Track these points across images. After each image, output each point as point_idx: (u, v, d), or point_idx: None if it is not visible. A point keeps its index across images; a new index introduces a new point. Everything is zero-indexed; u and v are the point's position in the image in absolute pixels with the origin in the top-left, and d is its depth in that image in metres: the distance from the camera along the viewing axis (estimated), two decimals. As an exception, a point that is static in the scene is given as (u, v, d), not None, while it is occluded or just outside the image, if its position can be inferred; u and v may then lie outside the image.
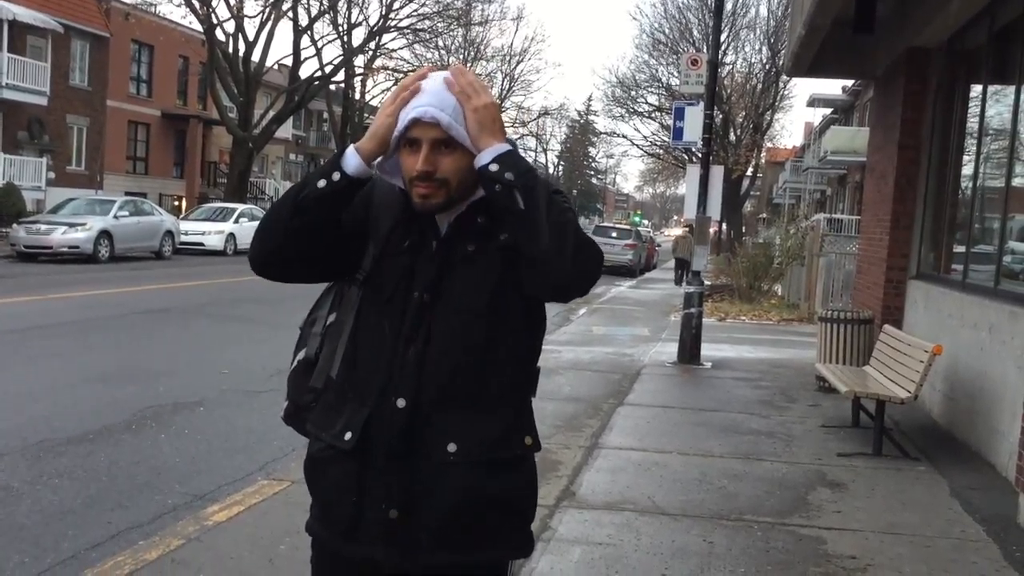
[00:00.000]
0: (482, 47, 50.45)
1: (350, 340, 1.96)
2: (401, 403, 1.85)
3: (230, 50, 33.51)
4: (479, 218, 1.88)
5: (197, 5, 31.19)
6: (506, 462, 1.90)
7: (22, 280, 15.99)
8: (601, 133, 64.59)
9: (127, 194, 29.09)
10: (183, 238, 24.78)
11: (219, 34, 32.84)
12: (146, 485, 5.24)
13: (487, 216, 1.87)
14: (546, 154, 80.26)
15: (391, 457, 1.85)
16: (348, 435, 1.88)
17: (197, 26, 32.63)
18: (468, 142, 1.82)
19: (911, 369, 6.53)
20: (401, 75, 36.32)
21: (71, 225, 20.51)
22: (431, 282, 1.88)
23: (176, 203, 37.36)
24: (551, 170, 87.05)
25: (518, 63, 55.66)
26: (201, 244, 25.26)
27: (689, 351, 10.56)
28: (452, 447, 1.85)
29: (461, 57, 49.43)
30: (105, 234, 21.06)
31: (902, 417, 7.60)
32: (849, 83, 34.36)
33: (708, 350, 11.03)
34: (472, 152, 1.82)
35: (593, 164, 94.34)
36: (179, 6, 32.12)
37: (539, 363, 2.04)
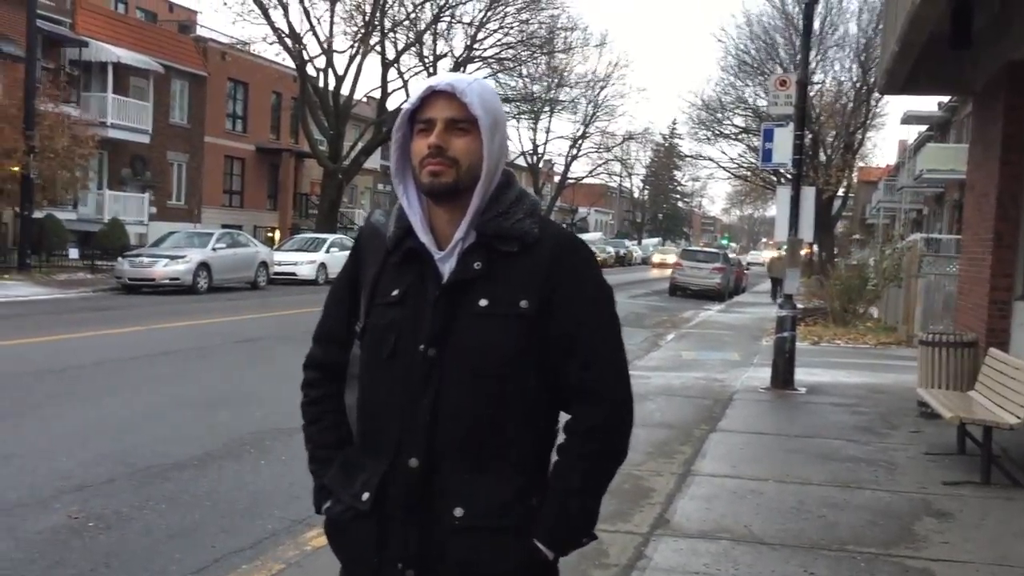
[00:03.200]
0: (566, 74, 50.63)
1: (362, 392, 1.92)
2: (414, 463, 1.80)
3: (320, 85, 34.44)
4: (476, 264, 1.81)
5: (289, 43, 32.22)
6: (515, 528, 1.81)
7: (127, 311, 16.65)
8: (686, 156, 63.72)
9: (223, 226, 30.09)
10: (276, 268, 25.45)
11: (310, 70, 33.80)
12: (247, 510, 5.38)
13: (485, 262, 1.81)
14: (631, 178, 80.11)
15: (407, 516, 1.81)
16: (365, 495, 1.84)
17: (289, 63, 33.69)
18: (481, 119, 1.81)
19: (1019, 394, 6.27)
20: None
21: (172, 258, 21.32)
22: (437, 335, 1.80)
23: (269, 234, 38.39)
24: (636, 195, 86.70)
25: (602, 89, 55.71)
26: (293, 274, 25.87)
27: (783, 376, 10.34)
28: (459, 511, 1.79)
29: (545, 84, 49.58)
30: (204, 266, 21.80)
31: (1011, 444, 7.28)
32: (945, 99, 33.39)
33: (802, 375, 10.79)
34: (481, 137, 1.81)
35: (679, 187, 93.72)
36: (272, 44, 33.28)
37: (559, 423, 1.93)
